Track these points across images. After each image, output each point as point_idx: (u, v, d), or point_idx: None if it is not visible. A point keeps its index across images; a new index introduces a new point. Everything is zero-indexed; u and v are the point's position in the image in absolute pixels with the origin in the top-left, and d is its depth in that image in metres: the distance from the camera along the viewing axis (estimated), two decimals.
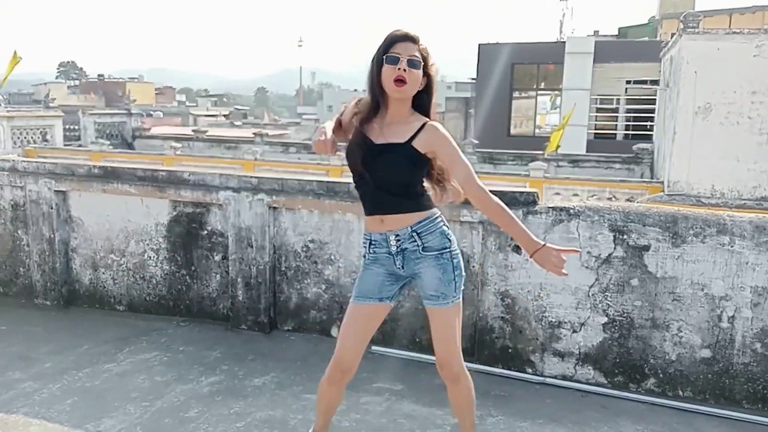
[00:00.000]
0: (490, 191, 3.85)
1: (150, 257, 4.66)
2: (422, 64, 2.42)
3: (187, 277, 4.60)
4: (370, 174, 2.44)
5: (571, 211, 3.66)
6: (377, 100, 2.48)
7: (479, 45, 23.81)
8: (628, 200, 12.96)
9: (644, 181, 13.79)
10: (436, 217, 2.53)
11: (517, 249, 3.74)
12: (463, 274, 2.57)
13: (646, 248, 3.54)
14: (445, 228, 2.54)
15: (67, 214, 4.82)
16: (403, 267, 2.53)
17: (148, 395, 3.44)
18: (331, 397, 2.70)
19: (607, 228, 3.59)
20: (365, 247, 2.60)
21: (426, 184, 2.57)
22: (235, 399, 3.42)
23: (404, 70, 2.36)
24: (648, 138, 19.54)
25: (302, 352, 4.07)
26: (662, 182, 12.82)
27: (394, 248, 2.51)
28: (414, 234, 2.49)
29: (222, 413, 3.27)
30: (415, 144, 2.42)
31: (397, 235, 2.50)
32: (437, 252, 2.50)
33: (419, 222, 2.50)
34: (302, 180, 4.24)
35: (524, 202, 3.76)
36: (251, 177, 4.36)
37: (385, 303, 2.59)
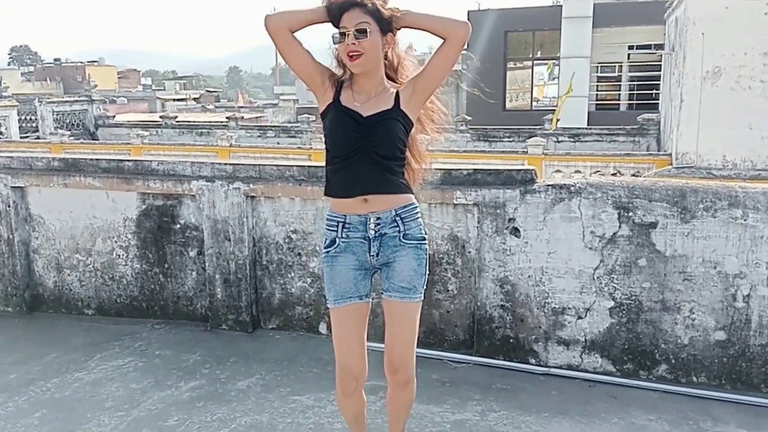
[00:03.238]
0: (483, 170, 3.90)
1: (119, 256, 4.65)
2: (377, 23, 2.39)
3: (161, 276, 4.59)
4: (365, 148, 2.41)
5: (572, 188, 3.68)
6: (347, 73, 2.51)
7: (468, 12, 23.74)
8: (634, 175, 13.03)
9: (651, 154, 13.86)
10: (416, 206, 2.56)
11: (515, 232, 3.77)
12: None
13: (654, 225, 3.57)
14: (420, 218, 2.57)
15: (26, 212, 4.79)
16: (377, 254, 2.52)
17: (123, 404, 3.44)
18: (354, 407, 2.68)
19: (611, 205, 3.62)
20: (334, 230, 2.53)
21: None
22: (217, 404, 3.43)
23: (353, 43, 2.36)
24: (653, 107, 19.61)
25: (289, 352, 4.08)
26: (670, 154, 12.90)
27: (372, 232, 2.49)
28: (397, 218, 2.49)
29: (204, 420, 3.28)
30: (402, 107, 2.46)
31: (378, 218, 2.48)
32: (417, 242, 2.52)
33: (404, 206, 2.51)
34: (282, 166, 4.23)
35: (521, 180, 3.78)
36: (226, 164, 4.35)
37: (365, 301, 2.57)
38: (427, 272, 2.58)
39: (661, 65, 18.70)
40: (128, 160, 4.60)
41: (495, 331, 3.89)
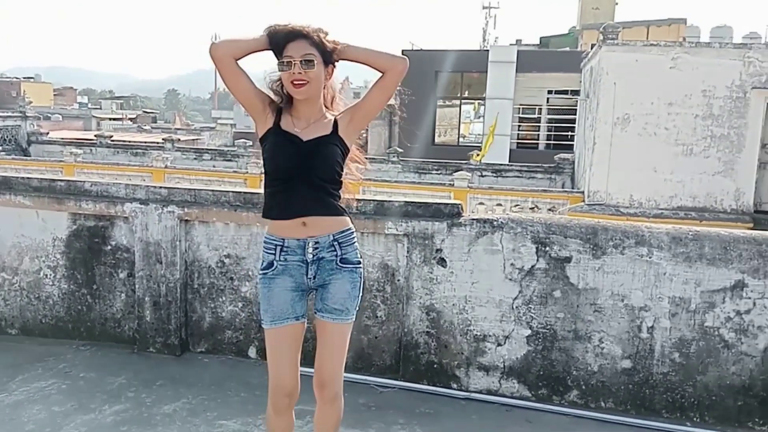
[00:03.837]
0: (414, 202, 3.94)
1: (46, 275, 4.43)
2: (321, 55, 2.42)
3: (89, 297, 4.40)
4: (305, 171, 2.42)
5: (495, 223, 3.76)
6: (288, 98, 2.52)
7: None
8: (550, 210, 13.47)
9: (565, 191, 14.37)
10: (352, 230, 2.58)
11: (442, 262, 3.81)
12: None
13: (568, 260, 3.68)
14: (356, 242, 2.60)
15: None
16: (314, 277, 2.51)
17: (44, 428, 3.25)
18: (284, 427, 2.64)
19: (530, 240, 3.71)
20: (272, 253, 2.51)
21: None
22: (142, 428, 3.29)
23: (299, 72, 2.38)
24: (569, 148, 20.39)
25: (217, 376, 3.96)
26: (582, 192, 13.42)
27: (310, 256, 2.49)
28: (335, 243, 2.50)
29: None
30: (340, 133, 2.49)
31: (317, 242, 2.48)
32: (352, 265, 2.54)
33: (342, 231, 2.52)
34: (217, 191, 4.15)
35: (449, 214, 3.83)
36: (160, 187, 4.23)
37: (301, 321, 2.56)
38: (361, 294, 2.60)
39: (576, 109, 19.51)
40: (61, 180, 4.41)
41: (420, 356, 3.90)
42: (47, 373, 3.91)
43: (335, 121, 2.52)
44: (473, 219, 3.79)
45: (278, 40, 2.42)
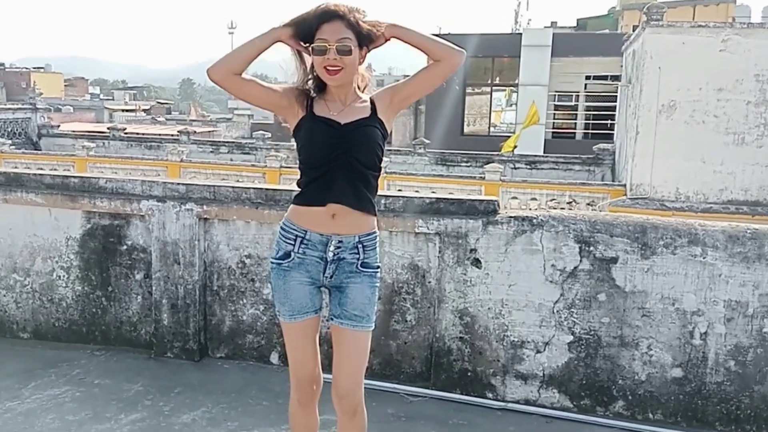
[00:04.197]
0: (446, 199, 3.89)
1: (60, 277, 4.48)
2: (356, 38, 2.37)
3: (103, 299, 4.43)
4: (345, 155, 2.38)
5: (534, 221, 3.70)
6: (320, 83, 2.48)
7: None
8: (588, 204, 13.30)
9: (606, 184, 14.17)
10: (377, 234, 2.55)
11: (476, 263, 3.76)
12: None
13: (614, 260, 3.61)
14: (378, 248, 2.58)
15: None
16: (331, 277, 2.50)
17: None
18: (309, 420, 2.66)
19: (572, 239, 3.64)
20: (291, 243, 2.48)
21: None
22: None
23: (335, 59, 2.33)
24: (609, 137, 20.10)
25: (237, 383, 3.97)
26: (624, 185, 13.22)
27: (331, 255, 2.46)
28: (359, 245, 2.48)
29: None
30: (380, 115, 2.46)
31: (340, 241, 2.45)
32: (373, 270, 2.52)
33: (368, 234, 2.50)
34: (238, 187, 4.15)
35: (484, 211, 3.78)
36: (178, 184, 4.24)
37: (318, 314, 2.57)
38: (377, 300, 2.59)
39: (616, 96, 19.23)
40: (74, 176, 4.45)
41: (453, 363, 3.86)
42: (61, 380, 3.95)
43: (372, 103, 2.48)
44: (511, 217, 3.74)
45: (310, 23, 2.36)
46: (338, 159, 2.38)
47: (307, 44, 2.40)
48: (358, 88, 2.52)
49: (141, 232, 4.32)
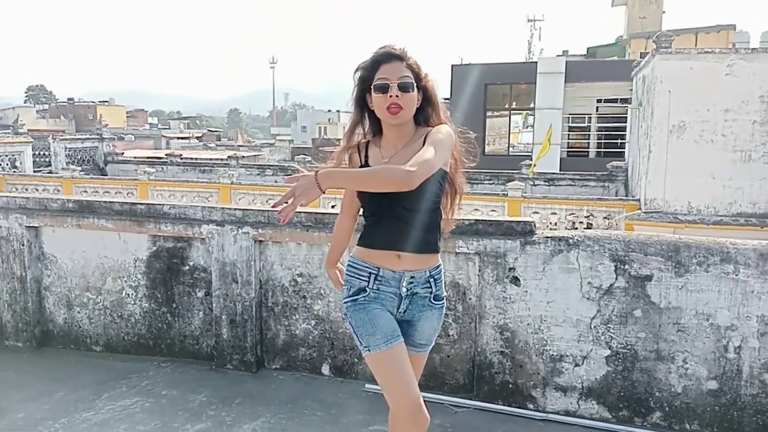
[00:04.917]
0: (485, 220, 3.74)
1: (128, 295, 4.42)
2: (414, 83, 2.25)
3: (168, 315, 4.36)
4: (397, 204, 2.20)
5: (570, 240, 3.53)
6: (376, 125, 2.35)
7: (452, 66, 23.92)
8: (605, 218, 12.99)
9: (621, 199, 13.84)
10: (442, 265, 2.43)
11: (515, 281, 3.60)
12: None
13: (649, 278, 3.42)
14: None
15: (39, 251, 4.56)
16: (405, 311, 2.35)
17: None
18: None
19: (607, 258, 3.47)
20: (365, 280, 2.31)
21: None
22: None
23: (396, 96, 2.20)
24: (619, 155, 19.73)
25: (292, 393, 3.85)
26: (638, 200, 12.88)
27: (404, 290, 2.31)
28: (430, 280, 2.34)
29: None
30: None
31: (412, 277, 2.30)
32: (441, 302, 2.40)
33: (436, 267, 2.37)
34: None
35: (521, 231, 3.63)
36: (235, 209, 4.16)
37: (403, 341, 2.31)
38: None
39: (626, 117, 18.87)
40: (141, 204, 4.40)
41: (494, 376, 3.69)
42: (131, 391, 3.87)
43: (425, 139, 2.26)
44: (547, 237, 3.58)
45: (369, 66, 2.27)
46: (393, 208, 2.22)
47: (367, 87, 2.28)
48: (422, 121, 2.34)
49: (202, 253, 4.24)
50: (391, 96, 2.20)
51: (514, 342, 3.64)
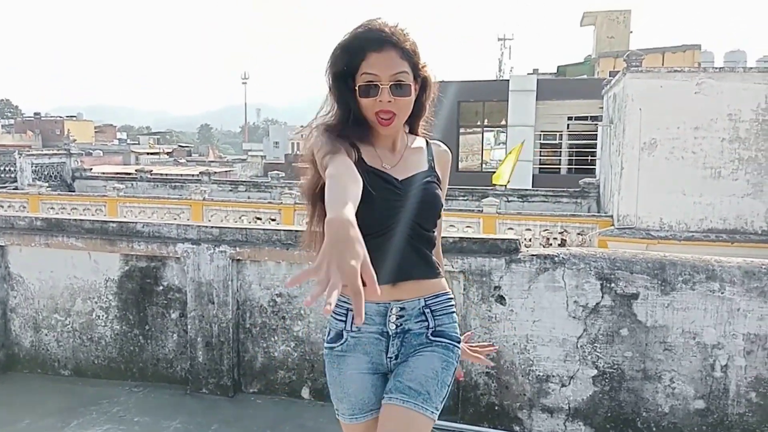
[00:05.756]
0: (470, 238, 3.68)
1: (99, 316, 4.24)
2: (412, 71, 1.72)
3: (141, 338, 4.20)
4: (407, 221, 1.74)
5: (556, 258, 3.49)
6: (360, 122, 1.76)
7: None
8: (579, 234, 13.07)
9: (594, 216, 13.96)
10: (450, 295, 1.87)
11: (501, 300, 3.54)
12: None
13: (635, 296, 3.39)
14: (456, 315, 1.88)
15: (5, 271, 4.36)
16: (396, 356, 1.79)
17: None
18: None
19: (593, 276, 3.43)
20: (342, 319, 1.80)
21: None
22: None
23: (389, 101, 1.68)
24: (590, 172, 20.01)
25: (271, 418, 3.72)
26: (611, 216, 13.01)
27: (392, 327, 1.77)
28: (426, 310, 1.79)
29: None
30: (437, 167, 1.86)
31: (402, 308, 1.77)
32: (448, 341, 1.80)
33: (436, 295, 1.81)
34: (268, 229, 3.94)
35: (506, 249, 3.57)
36: (212, 227, 4.04)
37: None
38: (452, 382, 1.81)
39: (596, 134, 19.15)
40: (112, 221, 4.24)
41: (480, 397, 3.61)
42: (102, 417, 3.70)
43: (429, 150, 1.86)
44: (533, 255, 3.53)
45: (352, 51, 1.69)
46: (397, 225, 1.73)
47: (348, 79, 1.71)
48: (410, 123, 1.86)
49: (176, 273, 4.10)
50: (381, 101, 1.68)
51: (500, 362, 3.57)
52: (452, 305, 1.86)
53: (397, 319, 1.78)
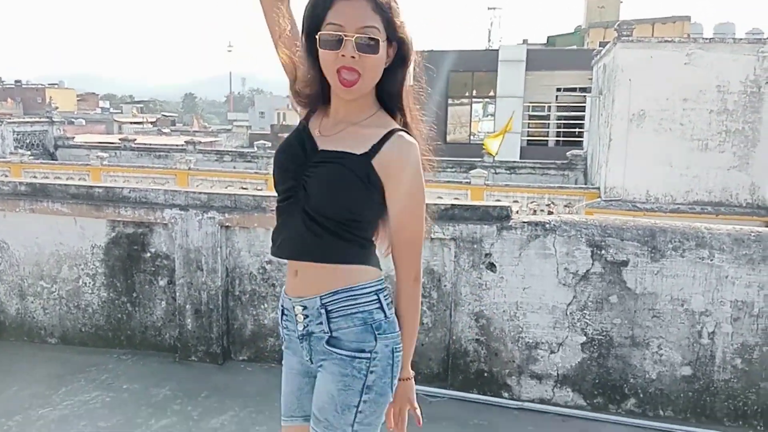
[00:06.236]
0: (461, 205, 3.67)
1: (85, 283, 4.20)
2: (385, 28, 1.52)
3: (128, 305, 4.17)
4: (302, 195, 1.57)
5: (547, 225, 3.49)
6: (316, 94, 1.63)
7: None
8: (566, 206, 13.14)
9: (581, 188, 14.03)
10: (364, 291, 1.59)
11: (491, 267, 3.54)
12: (385, 401, 1.63)
13: (625, 263, 3.41)
14: (376, 314, 1.59)
15: None
16: (310, 360, 1.67)
17: None
18: None
19: (584, 243, 3.44)
20: (279, 316, 1.78)
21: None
22: None
23: (352, 56, 1.48)
24: (578, 144, 20.05)
25: (261, 385, 3.72)
26: (598, 188, 13.08)
27: (300, 327, 1.65)
28: (322, 311, 1.59)
29: None
30: (376, 162, 1.54)
31: (304, 307, 1.62)
32: (349, 353, 1.58)
33: (334, 293, 1.58)
34: (258, 196, 3.90)
35: (498, 217, 3.57)
36: (200, 193, 3.99)
37: (308, 424, 1.69)
38: (379, 398, 1.60)
39: (584, 106, 19.14)
40: (99, 187, 4.18)
41: (470, 364, 3.64)
42: (90, 385, 3.68)
43: (384, 139, 1.55)
44: (524, 222, 3.53)
45: (318, 2, 1.52)
46: (296, 197, 1.58)
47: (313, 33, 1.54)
48: (388, 112, 1.62)
49: (164, 239, 4.06)
50: (344, 55, 1.47)
51: (490, 329, 3.59)
52: (357, 304, 1.59)
53: (304, 318, 1.64)
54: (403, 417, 1.69)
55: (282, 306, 1.72)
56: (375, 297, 1.59)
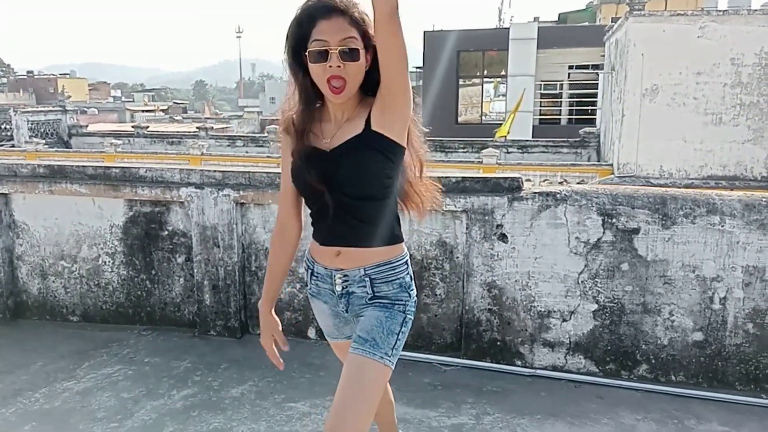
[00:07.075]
0: (472, 177, 3.71)
1: (105, 262, 4.30)
2: (361, 38, 1.76)
3: (148, 282, 4.27)
4: (333, 189, 1.83)
5: (558, 195, 3.52)
6: (311, 98, 1.87)
7: (424, 32, 23.70)
8: (579, 183, 13.10)
9: (594, 165, 13.97)
10: (399, 263, 1.96)
11: (503, 238, 3.59)
12: (404, 339, 1.96)
13: (636, 231, 3.43)
14: (407, 278, 1.98)
15: (10, 219, 4.40)
16: (347, 310, 2.01)
17: (116, 415, 3.12)
18: None
19: (595, 212, 3.47)
20: (307, 273, 2.08)
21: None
22: (212, 413, 3.14)
23: (338, 66, 1.73)
24: (590, 122, 19.90)
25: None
26: (611, 165, 13.02)
27: (338, 288, 1.97)
28: (366, 279, 1.93)
29: (200, 430, 2.99)
30: (375, 126, 1.79)
31: (345, 276, 1.95)
32: (387, 301, 1.94)
33: (377, 265, 1.92)
34: (272, 173, 3.96)
35: (509, 188, 3.61)
36: (215, 171, 4.05)
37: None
38: (402, 333, 1.93)
39: (597, 84, 18.96)
40: (115, 167, 4.26)
41: (482, 334, 3.70)
42: (112, 359, 3.79)
43: (370, 113, 1.82)
44: (535, 192, 3.56)
45: (303, 22, 1.77)
46: (326, 195, 1.84)
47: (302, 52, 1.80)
48: (372, 93, 1.83)
49: (181, 217, 4.14)
50: (331, 66, 1.73)
51: (502, 299, 3.64)
52: (395, 273, 1.94)
53: (342, 282, 1.96)
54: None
55: (312, 270, 2.04)
56: (406, 266, 1.98)
